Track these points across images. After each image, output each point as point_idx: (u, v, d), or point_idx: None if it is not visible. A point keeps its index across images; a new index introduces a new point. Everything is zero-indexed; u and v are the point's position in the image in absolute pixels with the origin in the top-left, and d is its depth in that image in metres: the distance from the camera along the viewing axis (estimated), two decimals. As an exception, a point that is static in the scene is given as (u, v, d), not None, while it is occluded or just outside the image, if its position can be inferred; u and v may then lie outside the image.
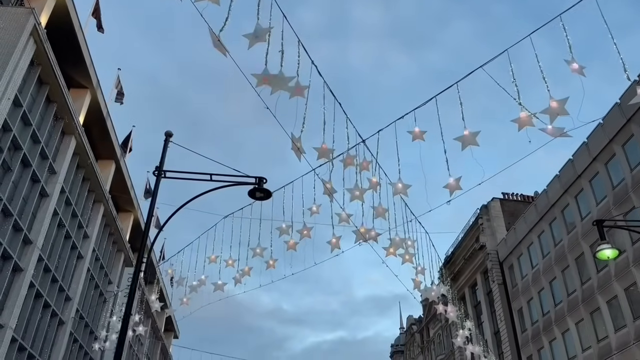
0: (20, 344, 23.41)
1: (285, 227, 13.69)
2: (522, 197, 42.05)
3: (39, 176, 24.21)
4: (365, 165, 11.45)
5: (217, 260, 16.06)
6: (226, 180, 11.93)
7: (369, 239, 11.84)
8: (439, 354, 49.73)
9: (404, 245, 13.08)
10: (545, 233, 32.54)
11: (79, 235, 30.04)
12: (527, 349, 33.52)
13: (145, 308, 46.53)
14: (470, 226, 41.83)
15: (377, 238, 11.96)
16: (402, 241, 13.05)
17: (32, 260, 23.63)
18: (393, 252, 12.57)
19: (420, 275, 14.73)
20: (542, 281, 32.38)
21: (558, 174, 31.33)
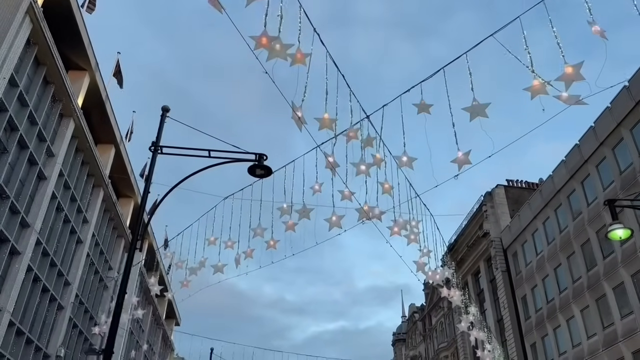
0: (18, 328, 23.14)
1: (286, 208, 13.30)
2: (527, 184, 41.56)
3: (37, 158, 23.81)
4: (369, 142, 11.04)
5: (216, 242, 15.71)
6: (225, 157, 11.54)
7: (373, 218, 11.42)
8: (441, 341, 49.54)
9: (409, 227, 12.68)
10: (551, 219, 32.11)
11: (78, 219, 29.70)
12: (531, 337, 33.22)
13: (146, 294, 46.40)
14: (474, 213, 41.42)
15: (381, 217, 11.55)
16: (406, 222, 12.66)
17: (30, 243, 23.29)
18: (397, 232, 12.17)
19: (425, 257, 14.41)
20: (546, 268, 32.00)
21: (564, 159, 30.84)
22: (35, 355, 25.22)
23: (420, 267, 13.96)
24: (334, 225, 12.04)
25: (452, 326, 47.23)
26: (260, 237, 14.26)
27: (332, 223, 12.01)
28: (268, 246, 13.83)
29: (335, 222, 11.97)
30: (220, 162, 11.57)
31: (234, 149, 11.35)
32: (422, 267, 14.04)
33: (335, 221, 11.97)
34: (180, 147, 11.66)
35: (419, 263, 13.95)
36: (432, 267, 14.88)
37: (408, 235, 12.79)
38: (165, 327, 56.27)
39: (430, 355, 52.95)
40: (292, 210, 13.17)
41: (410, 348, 61.44)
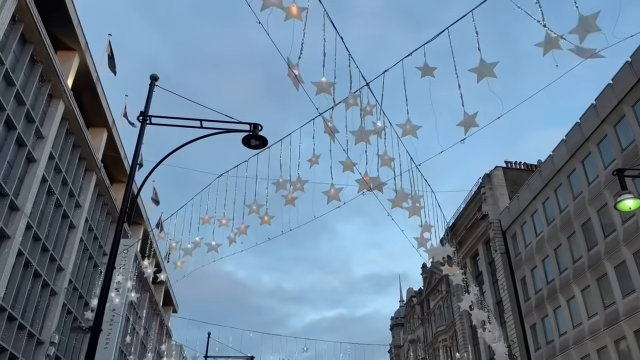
0: (10, 313, 22.65)
1: (282, 182, 12.79)
2: (526, 165, 41.13)
3: (25, 140, 23.16)
4: (369, 110, 10.50)
5: (210, 221, 15.22)
6: (218, 128, 11.00)
7: (374, 189, 10.90)
8: (439, 325, 49.41)
9: (410, 199, 12.19)
10: (550, 200, 31.71)
11: (70, 204, 29.11)
12: (531, 318, 32.97)
13: (142, 280, 45.97)
14: (472, 196, 41.02)
15: (382, 188, 11.03)
16: (407, 195, 12.16)
17: (20, 227, 22.72)
18: (399, 204, 11.66)
19: (426, 233, 13.95)
20: (546, 249, 31.66)
21: (564, 139, 30.35)
22: (28, 342, 24.76)
23: (422, 242, 13.47)
24: (332, 198, 11.53)
25: (451, 309, 47.06)
26: (256, 214, 13.78)
27: (330, 196, 11.50)
28: (262, 222, 13.33)
29: (334, 194, 11.45)
30: (213, 133, 11.02)
31: (227, 119, 10.84)
32: (424, 242, 13.55)
33: (334, 194, 11.46)
34: (170, 116, 11.14)
35: (421, 238, 13.46)
36: (433, 244, 14.45)
37: (409, 208, 12.31)
38: (162, 313, 55.95)
39: (429, 338, 52.87)
40: (290, 184, 12.69)
41: (408, 332, 61.40)
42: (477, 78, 8.60)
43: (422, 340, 55.68)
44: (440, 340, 47.95)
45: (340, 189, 11.49)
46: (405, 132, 9.92)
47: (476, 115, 8.81)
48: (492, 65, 8.56)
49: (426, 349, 52.97)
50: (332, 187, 11.35)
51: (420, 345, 55.89)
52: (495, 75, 8.53)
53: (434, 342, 50.10)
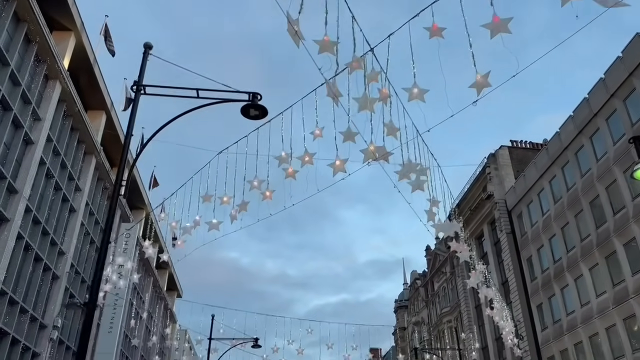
0: (11, 297, 22.38)
1: (284, 156, 12.33)
2: (531, 144, 40.56)
3: (22, 121, 22.69)
4: (374, 76, 9.99)
5: (211, 199, 14.81)
6: (215, 98, 10.53)
7: (380, 159, 10.41)
8: (444, 306, 49.23)
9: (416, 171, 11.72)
10: (557, 178, 31.19)
11: (70, 187, 28.73)
12: (537, 298, 32.66)
13: (145, 265, 45.77)
14: (477, 176, 40.48)
15: (388, 157, 10.54)
16: (415, 166, 11.69)
17: (19, 210, 22.35)
18: (406, 176, 11.19)
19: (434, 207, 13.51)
20: (553, 227, 31.22)
21: (572, 115, 29.74)
22: (30, 325, 24.54)
23: (430, 217, 13.02)
24: (338, 169, 11.04)
25: (455, 291, 46.83)
26: (257, 190, 13.35)
27: (336, 168, 11.02)
28: (263, 197, 12.89)
29: (339, 166, 10.97)
30: (211, 103, 10.59)
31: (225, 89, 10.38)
32: (432, 217, 13.10)
33: (339, 165, 10.98)
34: (165, 86, 10.67)
35: (429, 212, 13.01)
36: (441, 220, 14.02)
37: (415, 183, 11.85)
38: (166, 298, 55.90)
39: (433, 320, 52.74)
40: (291, 158, 12.24)
41: (412, 314, 61.33)
42: (491, 34, 8.07)
43: (426, 322, 55.58)
44: (445, 322, 47.79)
45: (345, 160, 11.03)
46: (412, 97, 9.42)
47: (489, 74, 8.29)
48: (506, 21, 8.05)
49: (431, 330, 52.88)
50: (337, 159, 10.88)
51: (424, 327, 55.80)
52: (509, 31, 8.01)
53: (438, 323, 49.97)
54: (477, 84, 8.32)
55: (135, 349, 43.90)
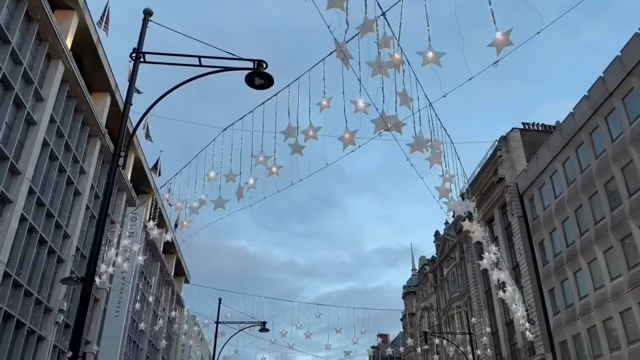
0: (15, 280, 22.12)
1: (291, 130, 11.78)
2: (544, 127, 39.71)
3: (24, 101, 22.25)
4: (386, 42, 9.39)
5: (216, 177, 14.33)
6: (218, 66, 9.99)
7: (392, 128, 9.85)
8: (453, 292, 48.78)
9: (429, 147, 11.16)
10: (571, 159, 30.45)
11: (75, 170, 28.36)
12: (549, 282, 32.09)
13: (152, 249, 45.59)
14: (488, 159, 39.74)
15: (401, 128, 9.97)
16: (427, 141, 11.12)
17: (22, 192, 22.00)
18: (419, 148, 10.63)
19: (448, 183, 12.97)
20: (566, 210, 30.55)
21: (586, 95, 28.92)
22: (36, 309, 24.33)
23: (443, 193, 12.46)
24: (347, 142, 10.49)
25: (465, 276, 46.34)
26: (264, 165, 12.84)
27: (345, 140, 10.47)
28: (270, 173, 12.39)
29: (349, 138, 10.42)
30: (213, 71, 10.06)
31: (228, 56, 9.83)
32: (446, 193, 12.54)
33: (349, 138, 10.42)
34: (165, 53, 10.15)
35: (442, 189, 12.45)
36: (454, 197, 13.47)
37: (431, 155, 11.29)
38: (174, 283, 55.83)
39: (442, 305, 52.34)
40: (297, 132, 11.70)
41: (421, 300, 60.98)
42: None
43: (435, 308, 55.20)
44: (455, 307, 47.37)
45: (354, 132, 10.47)
46: (427, 61, 8.82)
47: (510, 32, 7.68)
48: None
49: (440, 315, 52.50)
50: (346, 131, 10.32)
51: (433, 312, 55.44)
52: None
53: (448, 308, 49.57)
54: (496, 42, 7.72)
55: (143, 334, 43.86)
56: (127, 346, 38.53)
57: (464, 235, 45.96)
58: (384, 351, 51.33)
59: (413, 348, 51.42)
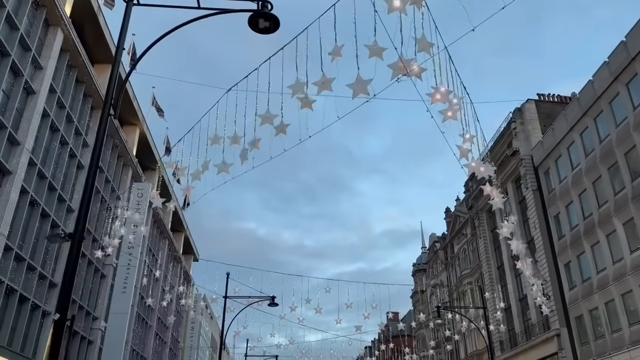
0: (17, 253, 21.57)
1: (299, 84, 10.89)
2: (559, 97, 38.43)
3: (21, 69, 21.44)
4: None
5: (220, 141, 13.52)
6: (218, 8, 9.10)
7: (411, 74, 8.94)
8: (464, 268, 48.08)
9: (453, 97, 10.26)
10: (589, 129, 29.30)
11: (77, 142, 27.66)
12: (565, 256, 31.21)
13: (160, 227, 45.10)
14: (502, 132, 38.59)
15: (420, 74, 9.06)
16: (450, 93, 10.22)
17: (22, 162, 21.34)
18: (440, 99, 9.73)
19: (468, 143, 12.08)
20: (583, 182, 29.52)
21: (607, 61, 27.66)
22: (40, 283, 23.86)
23: (463, 153, 11.57)
24: (359, 92, 9.59)
25: (476, 252, 45.57)
26: (270, 125, 11.99)
27: (356, 90, 9.56)
28: (277, 132, 11.54)
29: (361, 86, 9.51)
30: (213, 13, 9.16)
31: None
32: (466, 153, 11.65)
33: (361, 85, 9.51)
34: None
35: (462, 149, 11.56)
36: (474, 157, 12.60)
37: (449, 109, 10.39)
38: (183, 261, 55.56)
39: (453, 282, 51.70)
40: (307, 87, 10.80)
41: (431, 277, 60.40)
42: None
43: (445, 285, 54.59)
44: (466, 284, 46.72)
45: (369, 81, 9.56)
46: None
47: None
48: None
49: (450, 292, 51.91)
50: (358, 77, 9.41)
51: (444, 289, 54.86)
52: None
53: (459, 285, 48.93)
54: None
55: (152, 310, 43.63)
56: (135, 323, 38.28)
57: (476, 211, 45.06)
58: (395, 328, 50.90)
59: (425, 324, 51.01)
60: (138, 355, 40.05)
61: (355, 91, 9.65)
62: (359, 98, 9.71)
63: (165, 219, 47.85)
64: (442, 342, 52.21)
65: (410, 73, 8.95)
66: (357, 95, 9.66)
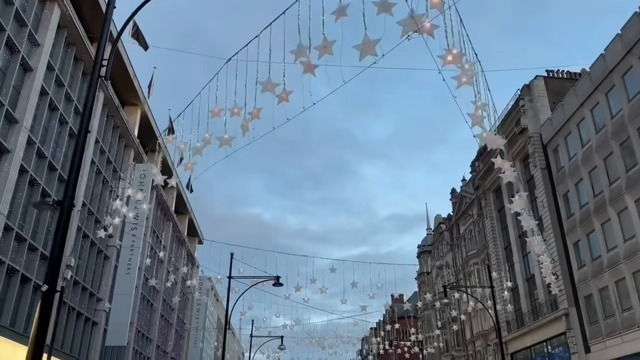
0: (18, 233, 21.24)
1: (302, 48, 10.32)
2: (569, 74, 37.59)
3: (17, 44, 20.88)
4: None
5: (220, 113, 13.01)
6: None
7: (423, 31, 8.36)
8: (470, 249, 47.68)
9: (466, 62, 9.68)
10: (601, 105, 28.58)
11: (77, 121, 27.09)
12: (574, 235, 30.70)
13: (164, 209, 44.78)
14: (510, 109, 37.86)
15: (433, 31, 8.49)
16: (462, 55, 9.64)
17: (20, 141, 20.89)
18: (452, 60, 9.16)
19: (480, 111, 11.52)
20: (594, 159, 28.89)
21: (620, 33, 26.84)
22: (42, 264, 23.54)
23: (476, 120, 11.01)
24: (366, 52, 9.02)
25: (483, 233, 45.12)
26: (271, 93, 11.45)
27: (363, 50, 8.99)
28: (279, 100, 11.00)
29: (368, 47, 8.93)
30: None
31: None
32: (478, 121, 11.09)
33: (368, 46, 8.94)
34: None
35: (476, 116, 11.00)
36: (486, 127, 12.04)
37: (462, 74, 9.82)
38: (187, 243, 55.39)
39: (458, 263, 51.38)
40: (310, 50, 10.23)
41: (436, 258, 60.11)
42: None
43: (451, 266, 54.29)
44: (472, 264, 46.37)
45: (377, 41, 8.99)
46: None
47: None
48: None
49: (456, 273, 51.61)
50: (365, 37, 8.82)
51: (449, 270, 54.57)
52: None
53: (464, 266, 48.60)
54: None
55: (157, 292, 43.53)
56: (140, 305, 38.16)
57: (483, 191, 44.50)
58: (400, 309, 50.74)
59: (430, 304, 50.75)
60: (144, 337, 40.02)
61: (363, 52, 9.09)
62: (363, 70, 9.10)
63: (169, 201, 47.55)
64: (446, 323, 52.09)
65: (421, 30, 8.37)
66: (364, 56, 9.09)
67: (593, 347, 28.30)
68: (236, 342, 63.00)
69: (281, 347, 42.16)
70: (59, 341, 25.19)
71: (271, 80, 11.48)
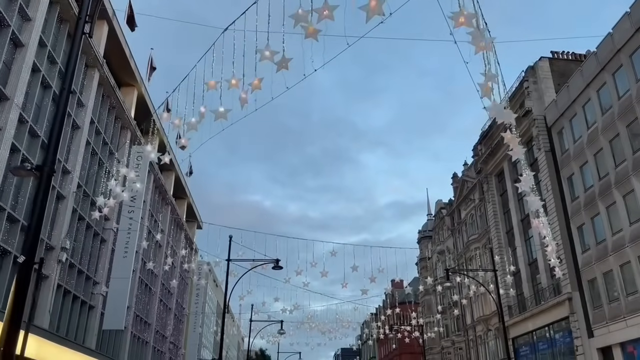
0: (10, 214, 20.71)
1: (303, 13, 9.70)
2: (574, 55, 36.85)
3: (7, 18, 20.16)
4: None
5: (217, 86, 12.39)
6: None
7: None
8: (471, 234, 47.26)
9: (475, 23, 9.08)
10: (607, 85, 27.93)
11: (72, 101, 26.46)
12: (578, 218, 30.22)
13: (162, 193, 44.20)
14: (514, 92, 37.17)
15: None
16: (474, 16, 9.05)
17: (11, 119, 20.25)
18: (464, 22, 8.57)
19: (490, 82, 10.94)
20: (600, 141, 28.31)
21: (628, 11, 26.12)
22: (36, 246, 23.03)
23: (486, 92, 10.42)
24: (373, 13, 8.42)
25: (484, 217, 44.67)
26: (270, 61, 10.84)
27: (370, 10, 8.38)
28: (279, 68, 10.40)
29: (375, 7, 8.33)
30: None
31: None
32: (489, 92, 10.50)
33: (375, 6, 8.33)
34: None
35: (485, 87, 10.40)
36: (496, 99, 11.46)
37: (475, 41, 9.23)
38: (186, 227, 54.93)
39: (459, 248, 51.00)
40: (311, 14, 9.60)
41: (437, 244, 59.74)
42: None
43: (451, 251, 53.93)
44: (473, 249, 45.98)
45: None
46: None
47: None
48: None
49: (457, 258, 51.25)
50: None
51: (450, 255, 54.23)
52: None
53: (465, 251, 48.21)
54: None
55: (155, 277, 43.15)
56: (138, 289, 37.77)
57: (485, 175, 43.94)
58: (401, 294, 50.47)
59: (431, 289, 50.45)
60: (142, 321, 39.70)
61: (369, 12, 8.48)
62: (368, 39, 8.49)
63: (167, 185, 47.00)
64: (447, 308, 51.83)
65: (431, -13, 7.76)
66: (371, 17, 8.50)
67: (596, 331, 27.96)
68: (235, 327, 62.78)
69: (281, 332, 41.94)
70: (54, 325, 24.79)
71: (270, 48, 10.89)
